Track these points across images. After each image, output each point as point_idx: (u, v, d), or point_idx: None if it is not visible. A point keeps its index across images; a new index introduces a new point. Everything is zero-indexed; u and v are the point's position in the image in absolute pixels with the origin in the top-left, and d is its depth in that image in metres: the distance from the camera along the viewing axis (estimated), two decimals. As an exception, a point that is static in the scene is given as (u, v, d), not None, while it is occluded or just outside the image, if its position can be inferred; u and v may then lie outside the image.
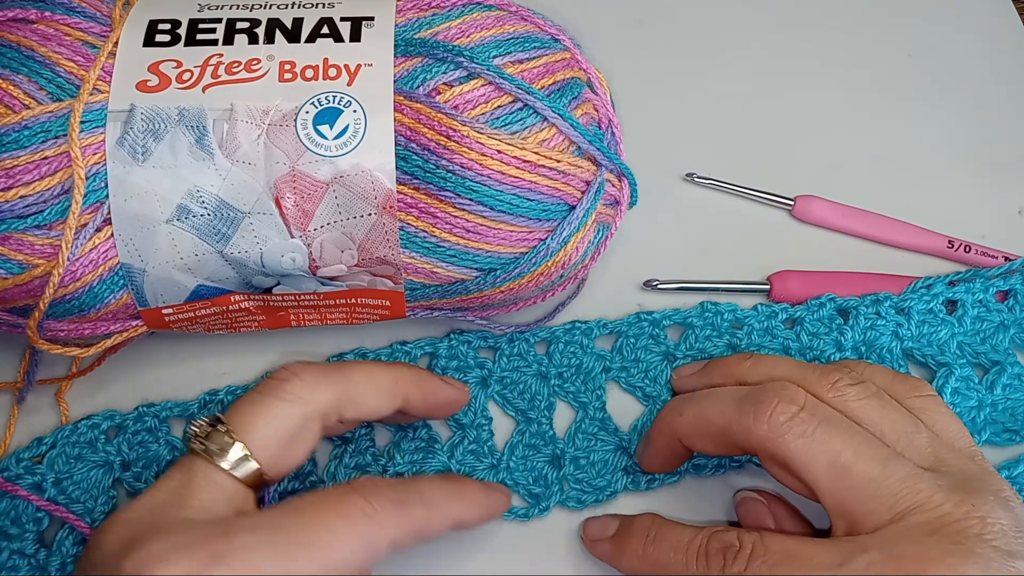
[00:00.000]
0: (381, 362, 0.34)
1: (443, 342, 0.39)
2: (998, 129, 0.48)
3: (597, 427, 0.38)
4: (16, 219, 0.31)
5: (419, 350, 0.39)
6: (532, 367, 0.39)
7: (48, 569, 0.34)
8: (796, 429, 0.30)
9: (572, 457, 0.37)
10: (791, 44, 0.49)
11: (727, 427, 0.32)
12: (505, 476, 0.37)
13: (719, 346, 0.40)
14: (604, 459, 0.38)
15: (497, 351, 0.39)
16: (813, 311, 0.40)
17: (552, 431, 0.38)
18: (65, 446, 0.36)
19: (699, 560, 0.31)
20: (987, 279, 0.42)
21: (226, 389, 0.38)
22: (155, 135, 0.31)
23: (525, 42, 0.34)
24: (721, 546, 0.31)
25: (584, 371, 0.39)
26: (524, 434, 0.38)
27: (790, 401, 0.31)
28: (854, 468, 0.30)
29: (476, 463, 0.37)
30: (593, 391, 0.39)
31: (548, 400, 0.38)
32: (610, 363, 0.39)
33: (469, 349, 0.39)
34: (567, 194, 0.33)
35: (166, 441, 0.37)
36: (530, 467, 0.37)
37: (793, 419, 0.31)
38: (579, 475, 0.37)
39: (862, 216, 0.44)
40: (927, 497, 0.29)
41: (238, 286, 0.33)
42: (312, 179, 0.31)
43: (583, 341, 0.39)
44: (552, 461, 0.37)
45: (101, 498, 0.35)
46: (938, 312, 0.41)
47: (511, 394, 0.38)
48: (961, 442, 0.32)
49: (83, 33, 0.33)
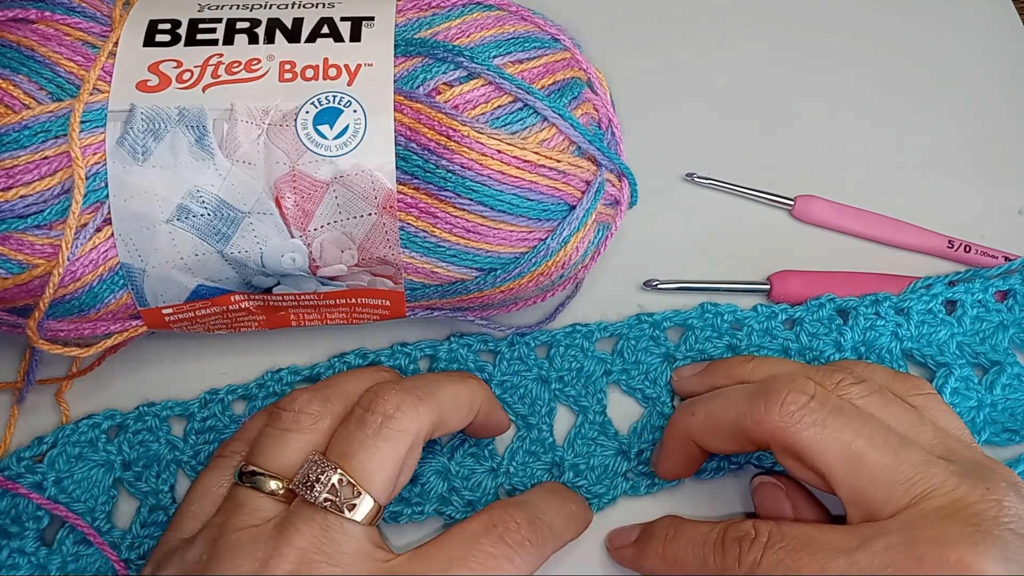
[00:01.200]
0: (459, 377, 0.34)
1: (443, 345, 0.39)
2: (998, 129, 0.48)
3: (597, 431, 0.38)
4: (16, 219, 0.31)
5: (419, 352, 0.39)
6: (532, 371, 0.39)
7: (49, 568, 0.34)
8: (807, 418, 0.30)
9: (571, 464, 0.37)
10: (791, 44, 0.49)
11: (739, 421, 0.32)
12: (504, 481, 0.37)
13: (719, 347, 0.40)
14: (604, 464, 0.38)
15: (497, 355, 0.39)
16: (812, 312, 0.40)
17: (552, 438, 0.38)
18: (66, 445, 0.36)
19: (716, 552, 0.31)
20: (986, 279, 0.42)
21: (226, 388, 0.38)
22: (155, 135, 0.31)
23: (525, 42, 0.34)
24: (737, 535, 0.31)
25: (585, 374, 0.39)
26: (525, 440, 0.38)
27: (800, 391, 0.31)
28: (867, 455, 0.29)
29: (476, 466, 0.37)
30: (594, 395, 0.38)
31: (549, 405, 0.38)
32: (611, 366, 0.39)
33: (469, 352, 0.39)
34: (567, 194, 0.33)
35: (167, 440, 0.37)
36: (530, 474, 0.37)
37: (804, 408, 0.31)
38: (578, 482, 0.37)
39: (862, 216, 0.44)
40: (941, 481, 0.29)
41: (238, 286, 0.33)
42: (312, 179, 0.31)
43: (584, 344, 0.39)
44: (551, 469, 0.37)
45: (102, 497, 0.35)
46: (937, 312, 0.41)
47: (511, 398, 0.38)
48: (964, 438, 0.32)
49: (83, 33, 0.33)
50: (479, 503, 0.36)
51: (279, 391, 0.38)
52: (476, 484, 0.37)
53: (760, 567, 0.30)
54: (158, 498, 0.36)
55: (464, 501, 0.36)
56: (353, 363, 0.38)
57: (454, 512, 0.36)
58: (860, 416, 0.31)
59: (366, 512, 0.29)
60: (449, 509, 0.36)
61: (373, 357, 0.39)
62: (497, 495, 0.37)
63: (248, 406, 0.38)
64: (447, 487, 0.36)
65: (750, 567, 0.30)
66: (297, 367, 0.38)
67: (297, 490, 0.29)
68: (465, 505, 0.36)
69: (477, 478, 0.37)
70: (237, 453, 0.33)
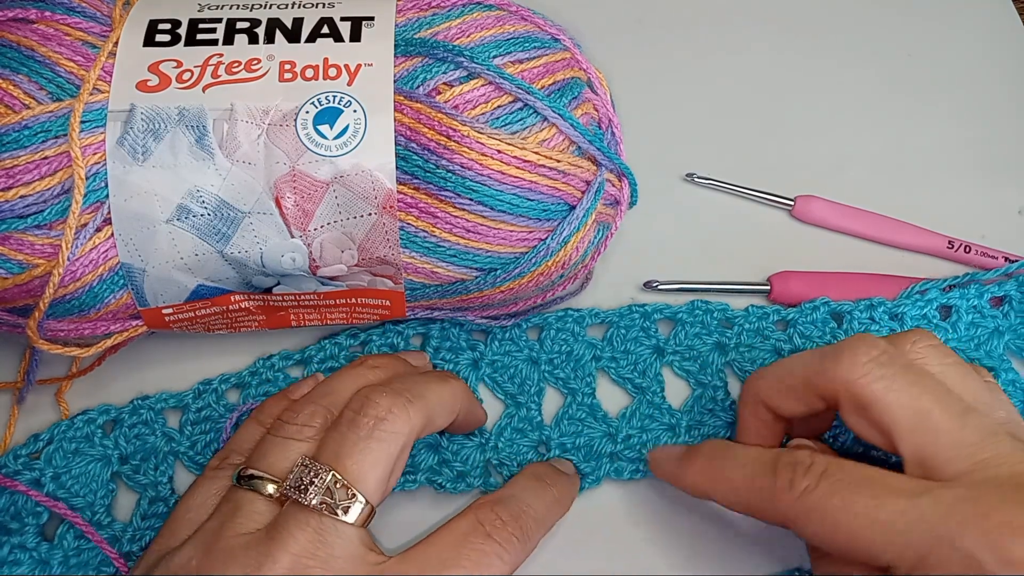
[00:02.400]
0: (442, 377, 0.34)
1: (435, 324, 0.39)
2: (998, 129, 0.48)
3: (585, 413, 0.38)
4: (16, 219, 0.31)
5: (411, 331, 0.39)
6: (523, 352, 0.39)
7: (51, 563, 0.34)
8: (876, 371, 0.30)
9: (558, 442, 0.38)
10: (791, 44, 0.49)
11: (809, 376, 0.32)
12: (492, 456, 0.37)
13: (708, 344, 0.40)
14: (589, 444, 0.38)
15: (489, 335, 0.39)
16: (807, 314, 0.40)
17: (540, 417, 0.38)
18: (62, 441, 0.36)
19: (765, 473, 0.31)
20: (982, 285, 0.42)
21: (219, 378, 0.38)
22: (155, 135, 0.31)
23: (525, 42, 0.34)
24: (791, 460, 0.30)
25: (574, 358, 0.39)
26: (512, 418, 0.38)
27: (872, 345, 0.31)
28: (934, 414, 0.29)
29: (465, 441, 0.37)
30: (583, 378, 0.39)
31: (538, 385, 0.39)
32: (600, 352, 0.39)
33: (461, 332, 0.39)
34: (567, 194, 0.33)
35: (163, 433, 0.37)
36: (516, 450, 0.38)
37: (874, 361, 0.30)
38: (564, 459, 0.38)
39: (862, 216, 0.44)
40: (1008, 452, 0.28)
41: (238, 286, 0.33)
42: (312, 179, 0.31)
43: (575, 329, 0.40)
44: (538, 447, 0.38)
45: (101, 492, 0.36)
46: (932, 318, 0.41)
47: (501, 378, 0.39)
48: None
49: (83, 33, 0.32)
50: (469, 475, 0.37)
51: (271, 377, 0.38)
52: (465, 458, 0.37)
53: (813, 494, 0.29)
54: (157, 490, 0.36)
55: (454, 473, 0.37)
56: (344, 344, 0.39)
57: (444, 481, 0.36)
58: (930, 376, 0.30)
59: (359, 513, 0.29)
60: (439, 478, 0.37)
61: (364, 337, 0.39)
62: (486, 469, 0.37)
63: (242, 394, 0.38)
64: (438, 460, 0.37)
65: (802, 493, 0.29)
66: (288, 352, 0.39)
67: (290, 494, 0.29)
68: (455, 477, 0.37)
69: (466, 452, 0.37)
70: (230, 462, 0.33)
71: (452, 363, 0.39)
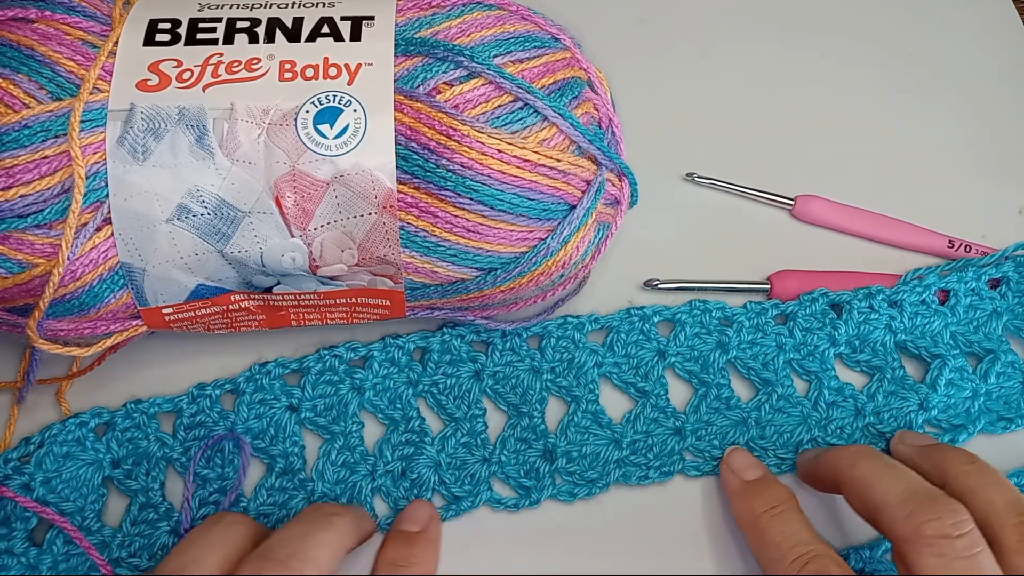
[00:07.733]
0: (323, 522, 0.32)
1: (436, 336, 0.39)
2: (998, 129, 0.48)
3: (590, 420, 0.38)
4: (16, 218, 0.31)
5: (411, 344, 0.39)
6: (525, 362, 0.39)
7: (39, 568, 0.34)
8: (937, 548, 0.30)
9: (564, 451, 0.37)
10: (791, 44, 0.49)
11: (880, 506, 0.32)
12: (496, 469, 0.37)
13: (709, 343, 0.40)
14: (596, 452, 0.38)
15: (490, 346, 0.39)
16: (806, 307, 0.41)
17: (544, 425, 0.38)
18: (53, 445, 0.36)
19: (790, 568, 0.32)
20: (979, 267, 0.42)
21: (214, 383, 0.38)
22: (155, 134, 0.31)
23: (525, 41, 0.34)
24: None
25: (576, 366, 0.39)
26: (516, 428, 0.38)
27: (952, 520, 0.30)
28: None
29: (467, 456, 0.37)
30: (585, 385, 0.39)
31: (540, 395, 0.39)
32: (602, 358, 0.39)
33: (462, 343, 0.39)
34: (567, 194, 0.33)
35: (156, 437, 0.36)
36: (521, 461, 0.37)
37: (943, 539, 0.30)
38: (571, 468, 0.37)
39: (862, 216, 0.44)
40: None
41: (238, 285, 0.33)
42: (312, 178, 0.31)
43: (575, 336, 0.39)
44: (544, 455, 0.38)
45: (91, 496, 0.35)
46: (931, 303, 0.41)
47: (503, 388, 0.39)
48: None
49: (83, 32, 0.32)
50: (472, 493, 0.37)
51: (267, 384, 0.38)
52: (469, 475, 0.37)
53: None
54: (148, 496, 0.36)
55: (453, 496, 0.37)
56: (344, 356, 0.38)
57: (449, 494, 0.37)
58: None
59: None
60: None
61: (364, 351, 0.39)
62: (489, 484, 0.37)
63: (236, 401, 0.37)
64: (438, 480, 0.37)
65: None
66: (284, 360, 0.38)
67: None
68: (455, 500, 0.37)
69: (469, 468, 0.37)
70: None
71: (453, 376, 0.38)
